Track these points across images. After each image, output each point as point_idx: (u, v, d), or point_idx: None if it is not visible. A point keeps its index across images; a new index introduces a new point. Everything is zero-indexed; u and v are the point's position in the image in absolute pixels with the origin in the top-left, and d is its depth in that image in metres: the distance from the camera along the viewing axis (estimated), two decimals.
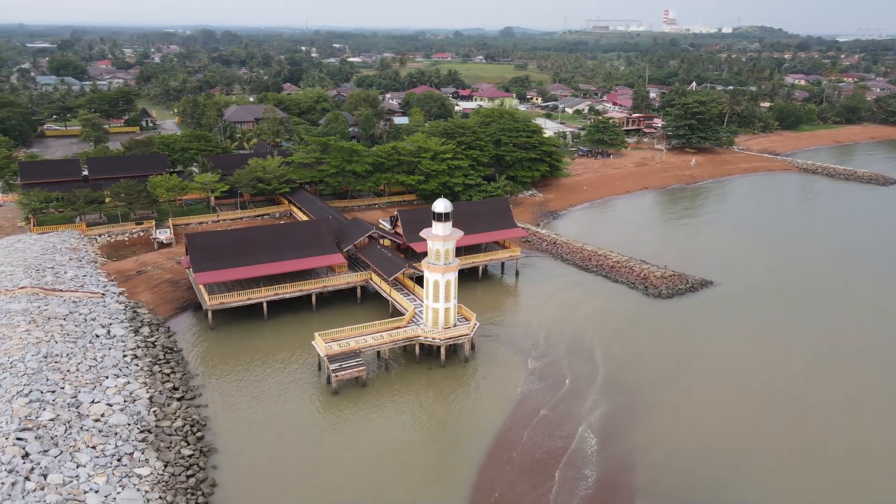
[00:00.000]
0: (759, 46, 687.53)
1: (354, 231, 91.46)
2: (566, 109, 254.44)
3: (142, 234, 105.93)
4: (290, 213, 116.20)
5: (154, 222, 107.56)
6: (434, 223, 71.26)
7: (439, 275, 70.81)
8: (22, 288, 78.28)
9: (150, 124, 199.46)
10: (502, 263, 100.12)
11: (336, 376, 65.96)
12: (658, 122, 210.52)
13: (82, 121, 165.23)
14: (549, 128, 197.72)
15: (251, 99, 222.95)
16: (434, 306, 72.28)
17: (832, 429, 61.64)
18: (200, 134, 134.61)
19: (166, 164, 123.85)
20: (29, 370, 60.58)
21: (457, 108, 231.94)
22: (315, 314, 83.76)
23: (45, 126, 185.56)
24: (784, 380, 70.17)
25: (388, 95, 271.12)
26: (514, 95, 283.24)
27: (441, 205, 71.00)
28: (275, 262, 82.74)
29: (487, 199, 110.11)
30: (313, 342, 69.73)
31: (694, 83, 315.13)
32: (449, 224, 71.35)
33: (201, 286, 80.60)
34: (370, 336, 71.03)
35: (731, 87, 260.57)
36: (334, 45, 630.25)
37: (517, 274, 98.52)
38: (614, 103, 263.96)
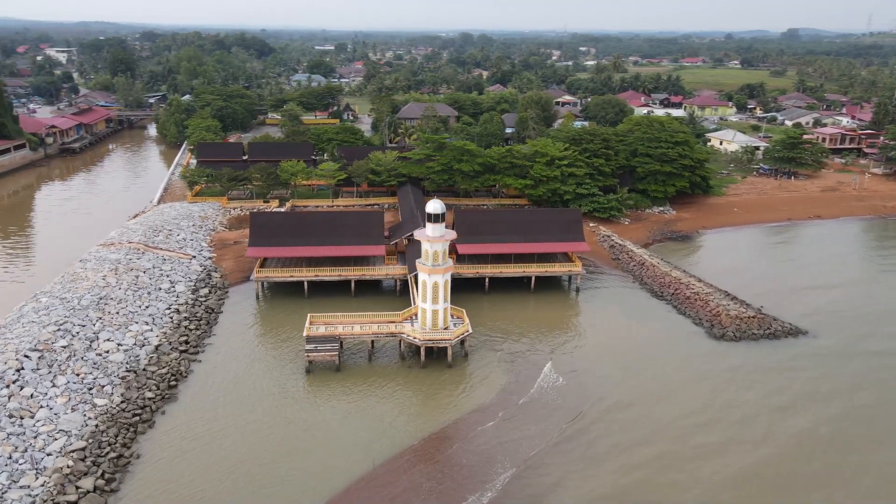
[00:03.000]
0: None
1: (407, 226, 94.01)
2: (786, 122, 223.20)
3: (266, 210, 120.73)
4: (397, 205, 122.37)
5: (279, 201, 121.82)
6: (426, 223, 71.01)
7: (427, 275, 70.47)
8: (130, 242, 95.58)
9: (351, 117, 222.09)
10: (569, 277, 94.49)
11: (308, 356, 69.93)
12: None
13: (284, 112, 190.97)
14: (738, 141, 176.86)
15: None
16: (423, 306, 72.11)
17: None
18: (347, 127, 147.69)
19: (312, 151, 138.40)
20: (78, 306, 74.74)
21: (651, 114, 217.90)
22: (353, 299, 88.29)
23: (266, 115, 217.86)
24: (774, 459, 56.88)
25: (589, 99, 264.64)
26: (732, 104, 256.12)
27: (432, 205, 70.47)
28: (319, 245, 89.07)
29: (558, 209, 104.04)
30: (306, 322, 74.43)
31: None
32: (441, 226, 70.55)
33: (257, 260, 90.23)
34: (358, 325, 73.48)
35: None
36: (580, 49, 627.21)
37: (577, 291, 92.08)
38: (853, 117, 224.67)
